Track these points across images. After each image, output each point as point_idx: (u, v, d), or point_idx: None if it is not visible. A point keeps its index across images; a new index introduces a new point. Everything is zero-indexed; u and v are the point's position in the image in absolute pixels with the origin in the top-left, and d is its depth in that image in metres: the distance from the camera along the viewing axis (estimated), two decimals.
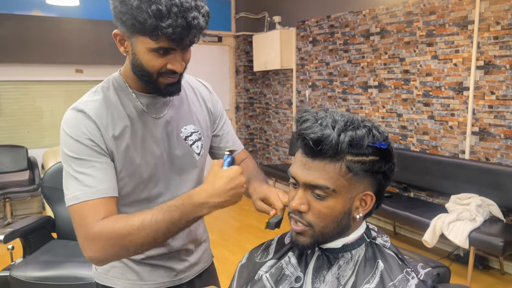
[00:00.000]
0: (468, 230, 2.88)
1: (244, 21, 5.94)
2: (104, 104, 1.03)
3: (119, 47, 1.00)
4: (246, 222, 4.47)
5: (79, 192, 0.95)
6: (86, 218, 0.93)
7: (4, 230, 2.33)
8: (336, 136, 0.78)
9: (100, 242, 0.92)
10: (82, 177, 0.96)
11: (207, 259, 1.33)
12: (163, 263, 1.18)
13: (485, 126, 3.32)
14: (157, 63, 0.96)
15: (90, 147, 0.98)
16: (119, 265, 1.16)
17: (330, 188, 0.80)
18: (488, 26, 3.23)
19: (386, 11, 4.02)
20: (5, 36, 4.39)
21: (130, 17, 0.89)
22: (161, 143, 1.10)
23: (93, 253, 0.93)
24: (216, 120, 1.27)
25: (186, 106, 1.17)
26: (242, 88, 6.10)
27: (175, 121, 1.13)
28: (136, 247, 0.93)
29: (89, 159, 0.97)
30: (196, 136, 1.17)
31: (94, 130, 0.99)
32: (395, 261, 0.85)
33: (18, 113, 4.68)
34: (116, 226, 0.92)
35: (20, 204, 4.70)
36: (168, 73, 0.99)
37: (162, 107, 1.11)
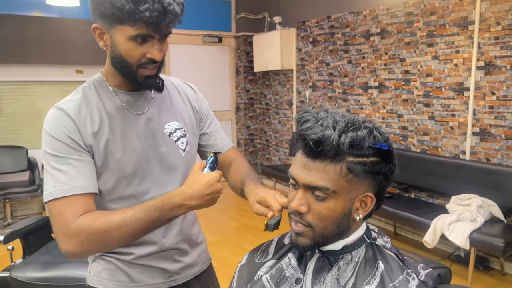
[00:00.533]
0: (468, 230, 2.88)
1: (244, 21, 5.94)
2: (83, 102, 1.06)
3: (99, 42, 1.04)
4: (245, 223, 4.47)
5: (55, 189, 0.97)
6: (64, 215, 0.95)
7: (4, 231, 2.32)
8: (337, 137, 0.77)
9: (77, 238, 0.94)
10: (58, 174, 0.98)
11: (205, 261, 1.32)
12: (155, 264, 1.17)
13: (485, 126, 3.32)
14: (136, 52, 0.99)
15: (68, 145, 1.00)
16: (110, 267, 1.15)
17: (330, 189, 0.80)
18: (488, 27, 3.22)
19: (386, 11, 4.02)
20: (5, 37, 4.39)
21: (109, 5, 0.93)
22: (144, 139, 1.11)
23: (70, 247, 0.95)
24: (202, 118, 1.27)
25: (168, 104, 1.18)
26: (243, 89, 6.10)
27: (157, 118, 1.14)
28: (114, 243, 0.98)
29: (66, 156, 0.99)
30: (181, 133, 1.17)
31: (72, 127, 1.01)
32: (395, 262, 0.84)
33: (18, 113, 4.68)
34: (95, 223, 0.94)
35: (20, 205, 4.70)
36: (148, 63, 1.01)
37: (143, 103, 1.12)
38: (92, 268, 1.19)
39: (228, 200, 5.29)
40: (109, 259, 1.15)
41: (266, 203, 1.02)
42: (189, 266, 1.25)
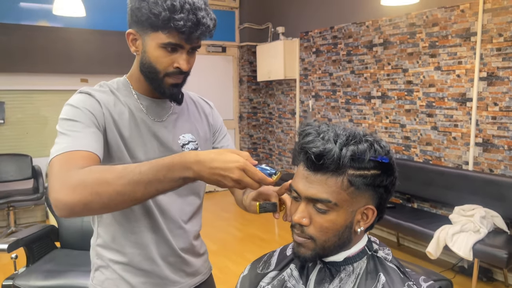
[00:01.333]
0: (472, 241, 2.87)
1: (248, 31, 5.98)
2: (109, 94, 1.09)
3: (130, 47, 1.08)
4: (248, 232, 4.46)
5: (65, 145, 0.93)
6: (67, 164, 0.88)
7: (8, 239, 2.33)
8: (338, 151, 0.79)
9: (71, 182, 0.83)
10: (73, 134, 0.96)
11: (206, 271, 1.33)
12: (159, 272, 1.17)
13: (488, 137, 3.32)
14: (164, 60, 1.03)
15: (86, 114, 1.00)
16: (113, 277, 1.15)
17: (332, 202, 0.81)
18: (490, 38, 3.24)
19: (389, 22, 4.05)
20: (11, 46, 4.44)
21: (146, 11, 0.99)
22: (156, 146, 1.13)
23: (60, 195, 0.82)
24: (215, 133, 1.30)
25: (185, 116, 1.22)
26: (246, 98, 6.13)
27: (173, 128, 1.17)
28: (109, 197, 0.82)
29: (81, 121, 0.99)
30: (193, 145, 1.19)
31: (96, 107, 1.03)
32: (396, 274, 0.85)
33: (23, 121, 4.72)
34: (94, 168, 0.86)
35: (24, 213, 4.72)
36: (175, 73, 1.05)
37: (162, 112, 1.15)
38: (94, 277, 1.19)
39: (232, 209, 5.29)
40: (114, 267, 1.15)
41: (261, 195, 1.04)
42: (191, 275, 1.25)
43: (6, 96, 4.57)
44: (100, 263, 1.17)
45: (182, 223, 1.20)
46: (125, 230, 1.13)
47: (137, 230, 1.14)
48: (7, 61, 4.45)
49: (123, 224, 1.13)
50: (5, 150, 4.56)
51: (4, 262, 3.52)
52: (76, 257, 2.51)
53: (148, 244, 1.15)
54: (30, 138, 4.77)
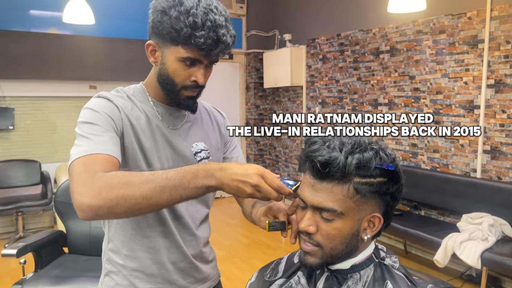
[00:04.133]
0: (480, 250, 2.85)
1: (255, 38, 6.02)
2: (126, 99, 1.11)
3: (149, 57, 1.10)
4: (255, 239, 4.46)
5: (86, 147, 0.94)
6: (90, 166, 0.90)
7: (17, 245, 2.35)
8: (344, 159, 0.79)
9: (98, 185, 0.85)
10: (93, 137, 0.97)
11: (214, 278, 1.34)
12: (168, 277, 1.18)
13: (496, 144, 3.30)
14: (183, 73, 1.06)
15: (105, 118, 1.02)
16: (124, 283, 1.17)
17: (337, 210, 0.81)
18: (498, 45, 3.23)
19: (395, 29, 4.06)
20: (21, 53, 4.50)
21: (167, 25, 1.00)
22: (169, 153, 1.15)
23: (85, 198, 0.84)
24: (227, 143, 1.33)
25: (199, 125, 1.24)
26: (253, 105, 6.15)
27: (187, 136, 1.19)
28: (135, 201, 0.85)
29: (101, 125, 1.00)
30: (205, 154, 1.21)
31: (115, 111, 1.05)
32: (404, 282, 0.85)
33: (32, 128, 4.77)
34: (122, 174, 0.88)
35: (32, 218, 4.75)
36: (191, 86, 1.08)
37: (176, 120, 1.18)
38: (104, 282, 1.20)
39: (238, 216, 5.29)
40: (124, 273, 1.17)
41: (271, 212, 1.05)
42: (200, 281, 1.26)
43: (15, 103, 4.62)
44: (111, 268, 1.19)
45: (194, 230, 1.22)
46: (137, 234, 1.15)
47: (150, 235, 1.15)
48: (17, 68, 4.50)
49: (135, 228, 1.14)
50: (14, 156, 4.60)
51: (13, 267, 3.55)
52: (84, 263, 2.52)
53: (160, 249, 1.16)
54: (39, 144, 4.81)
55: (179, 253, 1.19)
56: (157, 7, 1.02)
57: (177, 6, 0.99)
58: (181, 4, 0.99)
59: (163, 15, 1.01)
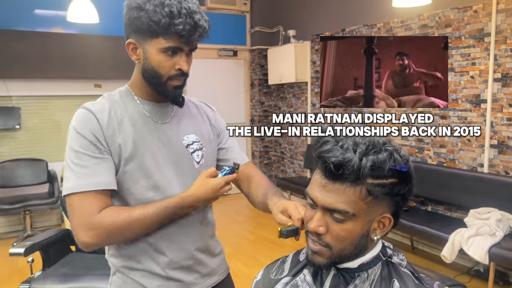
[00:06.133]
0: (488, 245, 2.83)
1: (259, 35, 6.00)
2: (107, 105, 1.15)
3: (131, 56, 1.14)
4: (261, 235, 4.46)
5: (75, 183, 1.04)
6: (84, 208, 1.04)
7: (24, 243, 2.37)
8: (358, 161, 0.77)
9: (97, 231, 1.03)
10: (78, 169, 1.06)
11: (222, 271, 1.35)
12: (173, 275, 1.19)
13: (503, 139, 3.27)
14: (167, 64, 1.09)
15: (91, 142, 1.08)
16: (129, 281, 1.18)
17: (349, 212, 0.80)
18: (505, 39, 3.20)
19: (401, 24, 4.02)
20: (26, 53, 4.52)
21: (145, 20, 1.04)
22: (161, 147, 1.17)
23: (87, 238, 1.04)
24: (220, 134, 1.35)
25: (188, 119, 1.26)
26: (257, 101, 6.14)
27: (177, 129, 1.21)
28: (131, 237, 1.11)
29: (88, 153, 1.07)
30: (197, 146, 1.23)
31: (95, 124, 1.09)
32: (411, 280, 0.84)
33: (38, 127, 4.80)
34: (118, 218, 1.05)
35: (40, 216, 4.79)
36: (177, 75, 1.12)
37: (165, 114, 1.20)
38: (113, 281, 1.22)
39: (245, 212, 5.30)
40: (128, 273, 1.18)
41: (288, 212, 1.07)
42: (206, 276, 1.27)
43: (22, 102, 4.65)
44: (116, 268, 1.21)
45: (198, 224, 1.23)
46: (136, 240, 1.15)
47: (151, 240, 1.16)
48: (22, 68, 4.52)
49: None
50: (21, 155, 4.63)
51: (21, 266, 3.58)
52: (91, 261, 2.54)
53: (162, 250, 1.17)
54: (45, 143, 4.84)
55: (181, 251, 1.20)
56: (132, 5, 1.07)
57: (151, 0, 1.04)
58: None
59: (139, 11, 1.05)
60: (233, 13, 5.96)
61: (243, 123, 6.23)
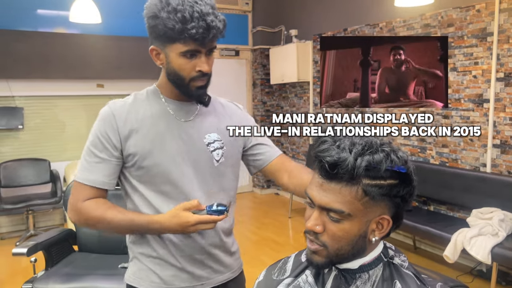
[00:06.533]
0: (490, 245, 2.82)
1: (261, 35, 6.00)
2: (130, 104, 1.23)
3: (156, 61, 1.21)
4: (263, 236, 4.46)
5: (78, 174, 1.20)
6: (76, 194, 1.20)
7: (27, 243, 2.38)
8: (353, 161, 0.77)
9: (78, 215, 1.20)
10: (84, 163, 1.20)
11: (235, 269, 1.39)
12: (185, 267, 1.25)
13: (506, 138, 3.27)
14: (187, 66, 1.14)
15: (100, 141, 1.18)
16: (145, 267, 1.26)
17: (345, 212, 0.80)
18: (507, 38, 3.19)
19: (403, 23, 4.02)
20: (29, 53, 4.53)
21: (161, 27, 1.10)
22: (182, 145, 1.22)
23: (73, 218, 1.22)
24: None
25: (212, 117, 1.30)
26: (259, 101, 6.14)
27: (199, 128, 1.26)
28: (104, 230, 1.23)
29: (95, 152, 1.19)
30: (218, 144, 1.27)
31: (111, 124, 1.19)
32: (413, 281, 0.84)
33: (41, 127, 4.81)
34: (93, 213, 1.18)
35: (43, 216, 4.80)
36: (198, 76, 1.16)
37: (188, 113, 1.25)
38: (130, 266, 1.32)
39: (247, 213, 5.30)
40: (145, 260, 1.26)
41: None
42: (218, 272, 1.32)
43: (24, 102, 4.66)
44: (133, 255, 1.30)
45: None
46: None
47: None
48: (25, 68, 4.53)
49: None
50: (24, 155, 4.65)
51: (24, 266, 3.59)
52: (93, 261, 2.54)
53: (176, 243, 1.24)
54: (48, 142, 4.85)
55: (195, 245, 1.25)
56: (149, 14, 1.13)
57: (165, 7, 1.08)
58: (168, 5, 1.08)
59: (155, 19, 1.11)
60: (235, 12, 5.96)
61: None
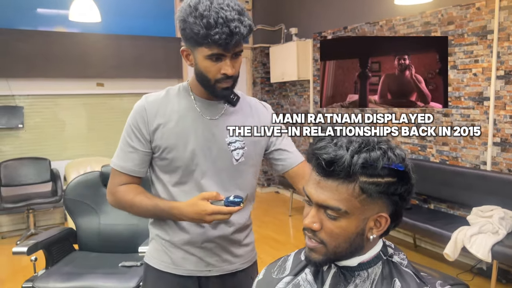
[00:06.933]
0: (490, 243, 2.82)
1: (261, 33, 5.99)
2: (162, 98, 1.31)
3: (186, 61, 1.27)
4: (263, 234, 4.47)
5: (115, 160, 1.32)
6: (113, 179, 1.33)
7: (27, 242, 2.38)
8: (349, 158, 0.78)
9: (113, 197, 1.33)
10: (119, 150, 1.32)
11: (246, 261, 1.43)
12: (195, 252, 1.33)
13: (506, 136, 3.26)
14: (213, 69, 1.20)
15: (133, 132, 1.29)
16: (159, 248, 1.36)
17: (342, 209, 0.80)
18: (508, 36, 3.19)
19: (403, 21, 4.01)
20: (29, 52, 4.53)
21: (189, 31, 1.15)
22: (204, 142, 1.28)
23: (108, 198, 1.35)
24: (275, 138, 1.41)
25: (237, 117, 1.34)
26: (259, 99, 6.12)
27: (222, 127, 1.31)
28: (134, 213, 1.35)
29: (128, 141, 1.30)
30: (240, 144, 1.32)
31: (143, 116, 1.28)
32: (412, 279, 0.84)
33: (41, 126, 4.81)
34: (124, 197, 1.30)
35: (43, 215, 4.80)
36: (223, 78, 1.21)
37: (215, 112, 1.31)
38: (149, 246, 1.42)
39: None
40: (159, 241, 1.36)
41: None
42: (227, 261, 1.37)
43: (24, 101, 4.66)
44: (152, 236, 1.41)
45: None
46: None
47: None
48: (25, 67, 4.53)
49: None
50: (24, 154, 4.65)
51: (24, 265, 3.59)
52: (94, 259, 2.54)
53: (188, 230, 1.32)
54: (48, 141, 4.85)
55: (203, 234, 1.31)
56: (179, 18, 1.18)
57: (193, 12, 1.13)
58: (196, 10, 1.13)
59: (184, 23, 1.16)
60: None
61: None
